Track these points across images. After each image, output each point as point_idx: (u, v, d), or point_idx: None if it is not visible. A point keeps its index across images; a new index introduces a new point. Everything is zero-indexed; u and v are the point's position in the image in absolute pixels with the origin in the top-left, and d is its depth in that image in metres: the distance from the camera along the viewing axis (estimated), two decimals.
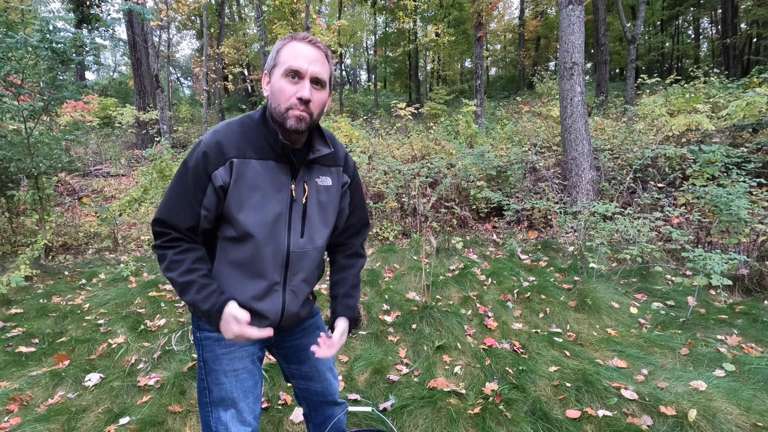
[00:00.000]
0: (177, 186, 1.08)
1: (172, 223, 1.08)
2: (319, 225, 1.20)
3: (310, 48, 1.05)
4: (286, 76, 1.04)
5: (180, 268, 1.08)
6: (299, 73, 1.04)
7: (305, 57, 1.04)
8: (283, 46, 1.07)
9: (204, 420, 1.23)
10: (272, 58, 1.09)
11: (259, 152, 1.09)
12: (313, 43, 1.06)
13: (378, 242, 5.04)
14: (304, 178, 1.15)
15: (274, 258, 1.14)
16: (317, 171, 1.18)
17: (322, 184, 1.18)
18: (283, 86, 1.05)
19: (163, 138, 9.13)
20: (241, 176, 1.06)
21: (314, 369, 1.37)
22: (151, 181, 6.99)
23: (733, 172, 4.26)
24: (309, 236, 1.18)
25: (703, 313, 3.04)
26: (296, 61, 1.03)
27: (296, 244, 1.16)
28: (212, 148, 1.05)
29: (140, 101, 12.51)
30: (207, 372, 1.21)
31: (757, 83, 8.02)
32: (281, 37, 1.11)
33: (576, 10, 5.49)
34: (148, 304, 3.44)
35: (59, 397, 2.27)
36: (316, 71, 1.05)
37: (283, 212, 1.12)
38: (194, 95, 29.13)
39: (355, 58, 30.38)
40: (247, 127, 1.10)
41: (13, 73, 4.09)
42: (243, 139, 1.08)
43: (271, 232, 1.11)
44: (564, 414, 2.01)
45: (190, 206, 1.08)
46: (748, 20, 18.71)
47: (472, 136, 8.42)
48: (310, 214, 1.17)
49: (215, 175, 1.06)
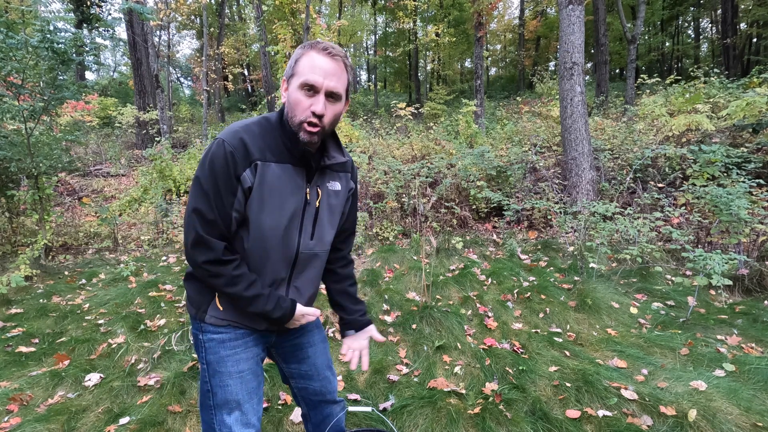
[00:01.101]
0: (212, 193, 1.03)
1: (218, 234, 1.06)
2: (328, 227, 1.23)
3: (327, 61, 1.04)
4: (302, 89, 1.04)
5: (243, 282, 1.08)
6: (315, 88, 1.04)
7: (322, 70, 1.03)
8: (302, 55, 1.06)
9: (207, 422, 1.22)
10: (291, 67, 1.08)
11: (278, 155, 1.08)
12: (332, 55, 1.05)
13: (378, 242, 5.04)
14: (317, 182, 1.17)
15: (283, 258, 1.15)
16: (329, 176, 1.20)
17: (332, 188, 1.21)
18: (299, 98, 1.05)
19: (164, 138, 9.13)
20: (263, 179, 1.06)
21: (313, 367, 1.38)
22: (151, 181, 7.00)
23: (733, 172, 4.26)
24: (318, 238, 1.20)
25: (703, 313, 3.04)
26: (313, 75, 1.03)
27: (306, 245, 1.18)
28: (238, 149, 1.03)
29: (140, 101, 12.51)
30: (211, 374, 1.20)
31: (757, 83, 8.02)
32: (301, 45, 1.10)
33: (576, 10, 5.49)
34: (148, 304, 3.44)
35: (59, 397, 2.27)
36: (331, 86, 1.04)
37: (296, 215, 1.13)
38: (194, 95, 29.13)
39: (355, 58, 30.38)
40: (265, 129, 1.10)
41: (14, 73, 4.09)
42: (263, 142, 1.07)
43: (284, 234, 1.12)
44: (564, 414, 2.01)
45: (225, 213, 1.04)
46: (748, 20, 18.71)
47: (472, 136, 8.42)
48: (321, 217, 1.19)
49: (244, 177, 1.04)
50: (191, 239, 1.05)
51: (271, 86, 14.97)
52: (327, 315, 3.11)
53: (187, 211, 1.07)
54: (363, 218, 5.18)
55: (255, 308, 1.11)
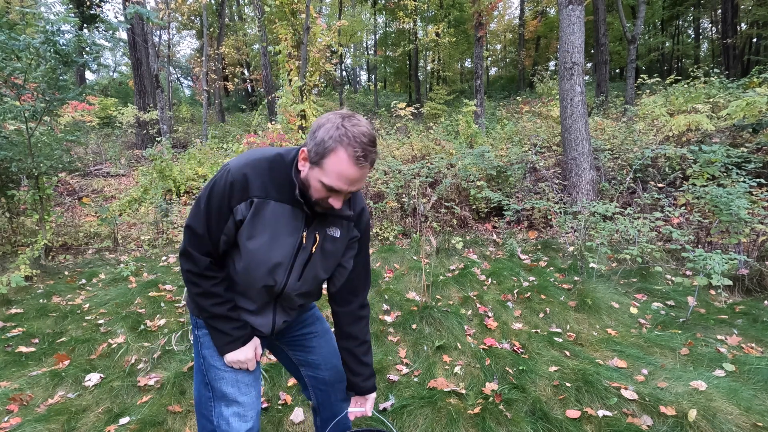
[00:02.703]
0: (204, 214, 1.10)
1: (204, 251, 1.12)
2: (321, 272, 1.23)
3: (356, 171, 0.99)
4: (324, 188, 1.03)
5: (214, 299, 1.15)
6: (338, 192, 1.04)
7: (348, 181, 1.00)
8: (332, 152, 0.98)
9: (204, 415, 1.25)
10: (317, 154, 1.00)
11: (279, 194, 1.09)
12: (361, 164, 0.98)
13: (378, 242, 5.04)
14: (317, 227, 1.16)
15: (267, 291, 1.18)
16: (330, 222, 1.19)
17: (331, 234, 1.19)
18: (319, 190, 1.04)
19: (164, 138, 9.13)
20: (257, 214, 1.08)
21: (320, 357, 1.41)
22: (151, 181, 7.00)
23: (733, 172, 4.26)
24: (305, 280, 1.21)
25: (703, 313, 3.04)
26: (338, 183, 1.00)
27: (292, 286, 1.19)
28: (239, 181, 1.06)
29: (140, 101, 12.51)
30: (207, 368, 1.24)
31: (757, 83, 8.01)
32: (331, 132, 0.98)
33: (576, 10, 5.49)
34: (148, 304, 3.44)
35: (59, 397, 2.27)
36: (354, 189, 1.04)
37: (287, 257, 1.14)
38: (194, 95, 29.13)
39: (355, 58, 30.39)
40: (277, 167, 1.10)
41: (17, 74, 4.10)
42: (269, 179, 1.08)
43: (271, 270, 1.13)
44: (564, 414, 2.01)
45: (214, 234, 1.11)
46: (748, 20, 18.70)
47: (472, 136, 8.42)
48: (313, 261, 1.19)
49: (236, 210, 1.07)
50: (181, 249, 1.15)
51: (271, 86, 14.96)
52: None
53: (185, 223, 1.14)
54: None
55: (215, 324, 1.17)
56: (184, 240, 1.14)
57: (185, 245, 1.13)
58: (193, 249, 1.11)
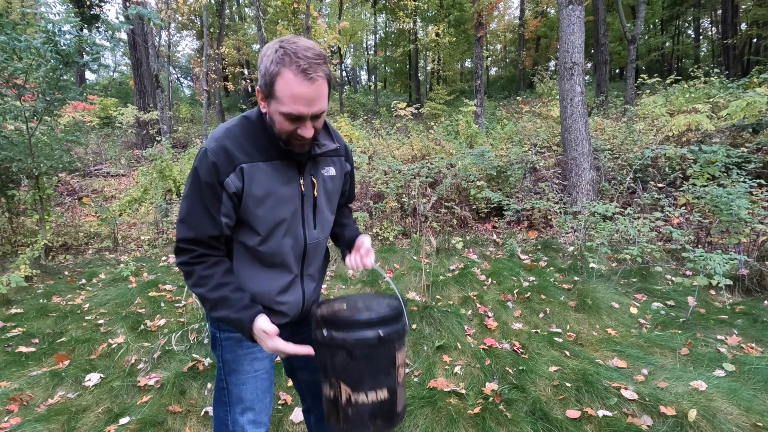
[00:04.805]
0: (193, 199, 1.06)
1: (197, 238, 1.07)
2: (328, 214, 1.25)
3: (307, 86, 0.95)
4: (286, 118, 1.00)
5: (210, 283, 1.06)
6: (300, 118, 1.00)
7: (304, 100, 0.96)
8: (278, 75, 0.95)
9: (221, 419, 1.25)
10: (266, 85, 0.98)
11: (264, 154, 1.08)
12: (311, 78, 0.94)
13: (378, 242, 5.04)
14: (310, 171, 1.17)
15: (294, 251, 1.18)
16: (322, 163, 1.20)
17: (328, 174, 1.21)
18: (283, 123, 1.01)
19: (164, 138, 9.13)
20: (252, 180, 1.06)
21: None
22: (151, 181, 7.00)
23: (733, 172, 4.25)
24: (321, 227, 1.23)
25: (703, 313, 3.04)
26: (296, 107, 0.96)
27: (312, 236, 1.20)
28: (219, 156, 1.03)
29: (140, 101, 12.51)
30: (227, 373, 1.23)
31: (757, 83, 8.01)
32: (272, 56, 0.96)
33: (576, 10, 5.49)
34: (148, 304, 3.45)
35: (59, 397, 2.27)
36: (315, 110, 0.99)
37: (297, 209, 1.15)
38: (194, 95, 29.12)
39: (355, 58, 30.40)
40: (247, 129, 1.09)
41: (18, 74, 4.10)
42: (246, 142, 1.07)
43: (288, 229, 1.14)
44: (564, 414, 2.01)
45: (210, 217, 1.06)
46: (748, 20, 18.70)
47: (472, 136, 8.42)
48: (320, 205, 1.20)
49: (227, 183, 1.04)
50: (174, 247, 1.12)
51: None
52: None
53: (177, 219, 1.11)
54: (363, 218, 5.18)
55: (219, 313, 1.07)
56: (177, 236, 1.10)
57: (177, 241, 1.10)
58: (187, 234, 1.07)
